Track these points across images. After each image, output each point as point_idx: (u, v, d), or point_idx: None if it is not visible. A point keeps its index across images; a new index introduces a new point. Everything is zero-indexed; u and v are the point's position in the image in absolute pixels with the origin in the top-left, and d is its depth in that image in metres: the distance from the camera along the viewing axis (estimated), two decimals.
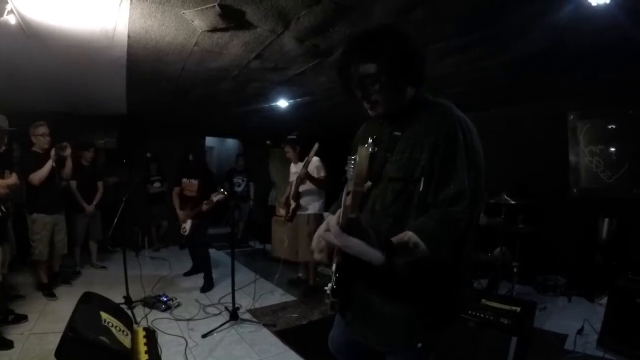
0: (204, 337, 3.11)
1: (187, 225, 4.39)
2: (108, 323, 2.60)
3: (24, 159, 3.84)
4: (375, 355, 1.27)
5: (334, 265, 1.26)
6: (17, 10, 2.51)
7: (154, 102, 5.44)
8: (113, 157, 6.15)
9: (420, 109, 1.20)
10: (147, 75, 4.12)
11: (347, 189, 0.89)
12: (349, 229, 1.01)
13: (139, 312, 3.53)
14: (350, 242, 1.01)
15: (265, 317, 3.61)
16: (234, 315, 3.44)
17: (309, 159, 4.07)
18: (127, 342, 2.60)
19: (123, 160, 5.77)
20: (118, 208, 3.75)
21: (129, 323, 2.99)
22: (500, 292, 3.91)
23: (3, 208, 3.05)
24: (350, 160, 0.94)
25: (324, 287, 1.30)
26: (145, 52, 3.38)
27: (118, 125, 6.64)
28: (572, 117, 4.62)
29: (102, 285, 4.17)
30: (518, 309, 2.44)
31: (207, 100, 5.31)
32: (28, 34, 2.92)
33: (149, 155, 5.01)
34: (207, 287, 4.38)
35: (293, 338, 3.15)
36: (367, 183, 1.04)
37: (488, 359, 2.33)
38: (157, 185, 6.46)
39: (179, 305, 3.78)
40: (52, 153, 3.79)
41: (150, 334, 3.03)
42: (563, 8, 2.42)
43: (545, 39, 2.91)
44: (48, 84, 4.41)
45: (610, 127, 4.29)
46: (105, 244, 5.91)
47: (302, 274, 4.68)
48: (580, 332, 3.07)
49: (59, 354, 2.20)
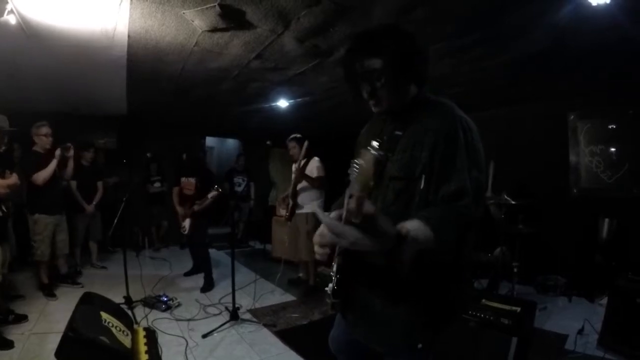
0: (204, 337, 3.11)
1: (186, 225, 4.40)
2: (108, 323, 2.60)
3: (25, 159, 3.84)
4: (376, 356, 1.27)
5: (335, 266, 1.25)
6: (17, 10, 2.51)
7: (154, 102, 5.45)
8: (113, 157, 6.15)
9: (422, 108, 1.20)
10: (147, 75, 4.12)
11: (349, 192, 0.88)
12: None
13: (139, 312, 3.53)
14: (350, 231, 0.92)
15: (266, 317, 3.61)
16: (234, 316, 3.44)
17: (301, 158, 4.17)
18: (127, 342, 2.60)
19: (123, 161, 5.77)
20: (118, 208, 3.75)
21: (129, 323, 3.00)
22: (501, 292, 3.90)
23: (4, 208, 3.05)
24: (354, 164, 0.92)
25: (325, 287, 1.30)
26: (146, 52, 3.38)
27: (118, 125, 6.64)
28: (572, 117, 4.62)
29: (102, 286, 4.17)
30: (518, 309, 2.43)
31: (207, 101, 5.31)
32: (28, 34, 2.92)
33: (149, 156, 5.02)
34: (207, 287, 4.38)
35: (293, 338, 3.15)
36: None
37: (488, 359, 2.33)
38: (157, 185, 6.46)
39: (179, 305, 3.78)
40: (56, 153, 3.80)
41: (151, 334, 3.03)
42: (563, 8, 2.42)
43: (546, 39, 2.91)
44: (48, 84, 4.41)
45: (611, 127, 4.29)
46: (106, 244, 5.91)
47: (302, 274, 4.68)
48: (581, 332, 3.06)
49: (60, 354, 2.20)
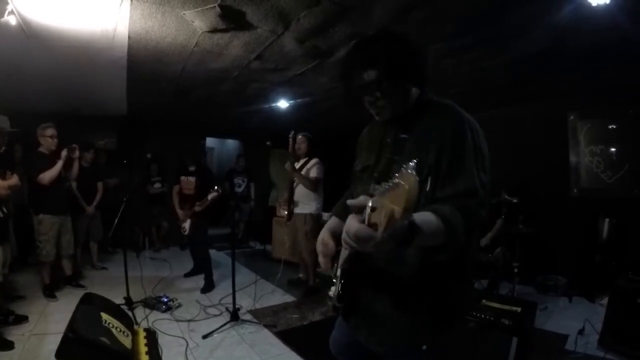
0: (205, 337, 3.10)
1: (186, 225, 4.40)
2: (109, 324, 2.60)
3: (29, 160, 3.85)
4: (376, 358, 1.26)
5: (339, 271, 1.25)
6: (17, 11, 2.51)
7: (155, 102, 5.45)
8: (113, 157, 6.15)
9: (426, 110, 1.19)
10: (147, 76, 4.12)
11: (372, 204, 0.82)
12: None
13: (140, 312, 3.52)
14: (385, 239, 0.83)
15: (266, 317, 3.60)
16: (235, 316, 3.43)
17: (304, 152, 4.30)
18: (127, 342, 2.60)
19: (123, 161, 5.77)
20: (119, 209, 3.75)
21: (130, 324, 2.99)
22: (501, 292, 3.90)
23: (4, 209, 3.05)
24: (387, 184, 0.82)
25: (326, 289, 1.30)
26: (146, 52, 3.38)
27: (118, 126, 6.64)
28: (572, 117, 4.62)
29: (102, 286, 4.17)
30: (519, 310, 2.44)
31: (207, 101, 5.32)
32: (28, 35, 2.92)
33: (149, 156, 5.01)
34: (207, 287, 4.38)
35: (294, 339, 3.15)
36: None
37: None
38: (157, 186, 6.46)
39: (180, 306, 3.78)
40: (63, 154, 3.83)
41: (151, 335, 3.03)
42: (563, 8, 2.42)
43: (546, 39, 2.91)
44: (48, 85, 4.41)
45: (611, 127, 4.30)
46: (106, 245, 5.91)
47: (302, 275, 4.67)
48: (581, 332, 3.06)
49: (60, 355, 2.20)
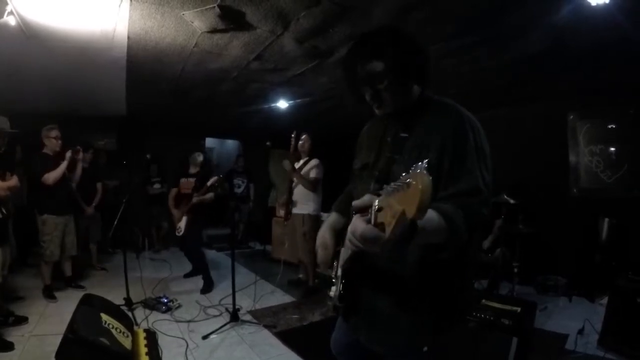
0: (205, 338, 3.10)
1: (182, 224, 4.39)
2: (108, 325, 2.60)
3: (34, 161, 3.86)
4: (377, 358, 1.26)
5: (340, 271, 1.25)
6: (17, 11, 2.51)
7: (154, 103, 5.44)
8: (113, 158, 6.15)
9: (427, 109, 1.19)
10: (146, 77, 4.12)
11: (378, 204, 0.82)
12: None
13: (140, 313, 3.52)
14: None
15: (266, 318, 3.60)
16: (235, 317, 3.43)
17: (300, 151, 4.30)
18: (127, 343, 2.60)
19: (123, 162, 5.77)
20: (118, 210, 3.75)
21: (130, 325, 2.99)
22: (501, 292, 3.90)
23: (3, 210, 3.05)
24: (395, 183, 0.81)
25: (326, 290, 1.30)
26: (145, 53, 3.38)
27: (118, 127, 6.64)
28: (572, 117, 4.62)
29: (102, 287, 4.17)
30: (518, 309, 2.43)
31: (207, 102, 5.31)
32: (28, 35, 2.92)
33: (149, 157, 5.00)
34: (207, 288, 4.38)
35: (294, 339, 3.15)
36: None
37: None
38: (157, 187, 6.45)
39: (180, 307, 3.78)
40: (67, 155, 3.86)
41: (151, 336, 3.02)
42: (563, 8, 2.42)
43: (546, 39, 2.91)
44: (48, 85, 4.41)
45: (610, 127, 4.30)
46: (106, 246, 5.90)
47: (302, 275, 4.67)
48: (581, 332, 3.06)
49: (60, 356, 2.20)
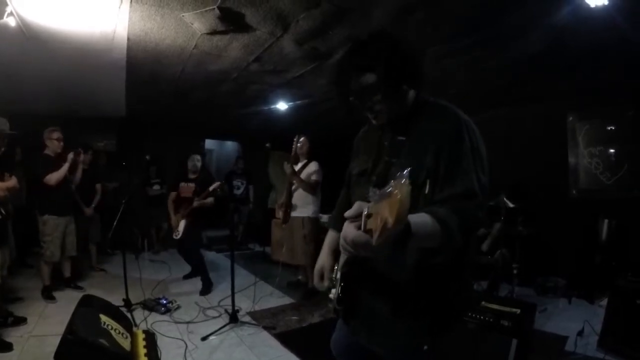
0: (204, 339, 3.09)
1: (180, 227, 4.39)
2: (107, 326, 2.59)
3: (35, 162, 3.87)
4: (377, 359, 1.26)
5: (339, 274, 1.25)
6: (16, 13, 2.52)
7: (154, 104, 5.46)
8: (113, 159, 6.15)
9: (423, 112, 1.19)
10: (146, 78, 4.13)
11: (368, 210, 0.82)
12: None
13: (139, 314, 3.51)
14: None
15: (265, 319, 3.59)
16: (234, 318, 3.43)
17: (298, 154, 4.28)
18: (126, 344, 2.59)
19: (123, 163, 5.76)
20: (118, 211, 3.75)
21: (129, 326, 2.98)
22: (500, 294, 3.90)
23: (3, 210, 3.04)
24: (377, 192, 0.82)
25: (327, 292, 1.30)
26: (145, 54, 3.39)
27: (117, 128, 6.65)
28: (571, 118, 4.63)
29: (101, 288, 4.16)
30: (518, 311, 2.43)
31: (206, 103, 5.32)
32: (28, 36, 2.92)
33: (148, 158, 5.00)
34: (206, 289, 4.37)
35: (293, 341, 3.14)
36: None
37: None
38: (156, 188, 6.45)
39: (179, 308, 3.77)
40: (69, 157, 3.88)
41: (150, 337, 3.02)
42: (562, 9, 2.43)
43: (545, 40, 2.92)
44: (48, 86, 4.41)
45: (609, 128, 4.30)
46: (105, 247, 5.89)
47: (301, 277, 4.67)
48: (581, 333, 3.05)
49: (59, 357, 2.19)
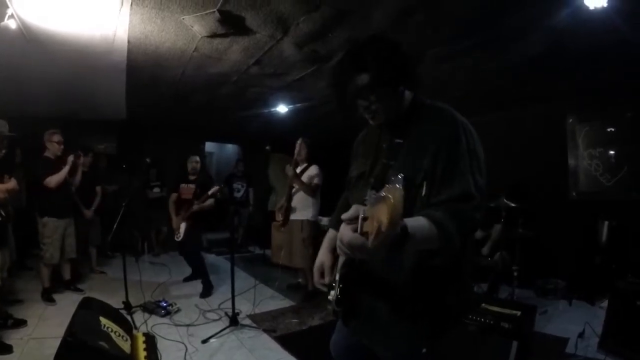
0: (204, 342, 3.09)
1: (181, 230, 4.39)
2: (107, 328, 2.59)
3: (36, 165, 3.88)
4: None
5: (338, 276, 1.25)
6: (17, 15, 2.53)
7: (154, 107, 5.46)
8: (113, 162, 6.15)
9: (420, 114, 1.20)
10: (146, 81, 4.14)
11: (364, 214, 0.84)
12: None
13: (139, 317, 3.51)
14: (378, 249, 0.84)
15: (265, 322, 3.59)
16: (234, 321, 3.42)
17: (302, 161, 4.28)
18: (126, 347, 2.58)
19: (123, 166, 5.77)
20: (118, 214, 3.75)
21: (129, 328, 2.98)
22: (501, 296, 3.90)
23: (3, 212, 3.05)
24: (373, 195, 0.83)
25: (325, 293, 1.30)
26: (145, 57, 3.40)
27: (118, 130, 6.65)
28: (571, 120, 4.63)
29: (101, 291, 4.15)
30: (518, 313, 2.43)
31: (206, 106, 5.33)
32: (28, 39, 2.93)
33: (149, 161, 5.01)
34: (206, 292, 4.36)
35: (293, 343, 3.13)
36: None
37: None
38: (156, 191, 6.45)
39: (179, 311, 3.76)
40: (69, 159, 3.90)
41: (150, 340, 3.01)
42: (562, 11, 2.45)
43: (545, 41, 2.93)
44: (48, 89, 4.42)
45: (609, 129, 4.30)
46: (105, 249, 5.88)
47: (301, 280, 4.66)
48: (581, 335, 3.05)
49: (58, 359, 2.19)
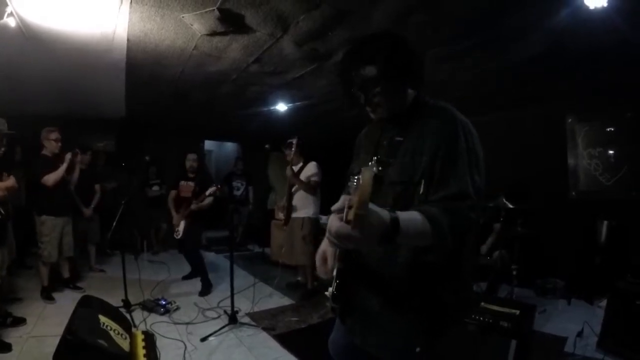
0: (203, 340, 3.10)
1: (180, 227, 4.40)
2: (107, 326, 2.59)
3: (33, 163, 3.88)
4: (373, 359, 1.26)
5: (335, 271, 1.25)
6: (16, 13, 2.52)
7: (153, 105, 5.45)
8: (112, 160, 6.14)
9: (422, 112, 1.20)
10: (146, 79, 4.13)
11: (349, 203, 0.86)
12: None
13: (138, 315, 3.51)
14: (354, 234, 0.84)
15: (264, 320, 3.59)
16: (233, 319, 3.43)
17: (295, 160, 4.25)
18: (125, 345, 2.59)
19: (122, 164, 5.76)
20: (117, 212, 3.75)
21: (128, 326, 2.98)
22: (500, 295, 3.90)
23: (2, 210, 3.04)
24: (354, 179, 0.87)
25: (323, 290, 1.30)
26: (145, 55, 3.39)
27: (117, 129, 6.65)
28: (570, 119, 4.63)
29: (100, 289, 4.15)
30: (517, 312, 2.43)
31: (206, 104, 5.32)
32: (27, 37, 2.92)
33: (148, 159, 5.00)
34: (205, 290, 4.37)
35: (292, 342, 3.14)
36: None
37: None
38: (156, 189, 6.45)
39: (178, 309, 3.77)
40: (67, 157, 3.89)
41: (149, 338, 3.01)
42: (562, 11, 2.44)
43: (545, 41, 2.92)
44: (47, 87, 4.41)
45: (609, 129, 4.30)
46: (104, 247, 5.88)
47: (301, 278, 4.67)
48: (580, 334, 3.06)
49: (58, 357, 2.19)
